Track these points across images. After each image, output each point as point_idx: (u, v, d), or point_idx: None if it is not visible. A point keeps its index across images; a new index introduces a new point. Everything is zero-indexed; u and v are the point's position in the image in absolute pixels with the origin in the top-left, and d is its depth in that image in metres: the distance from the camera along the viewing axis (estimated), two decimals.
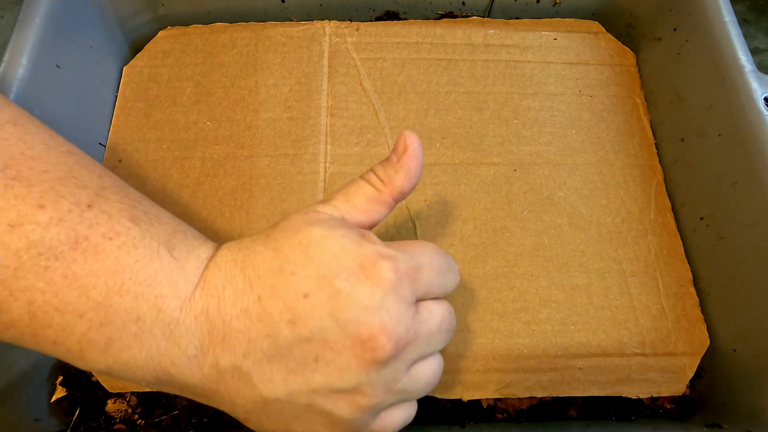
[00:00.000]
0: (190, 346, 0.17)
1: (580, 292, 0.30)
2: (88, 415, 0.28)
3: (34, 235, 0.16)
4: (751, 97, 0.28)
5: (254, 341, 0.17)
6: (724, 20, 0.30)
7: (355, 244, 0.18)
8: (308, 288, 0.17)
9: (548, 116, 0.34)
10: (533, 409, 0.28)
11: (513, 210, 0.32)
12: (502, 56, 0.36)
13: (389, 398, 0.18)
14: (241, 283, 0.18)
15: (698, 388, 0.29)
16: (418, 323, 0.18)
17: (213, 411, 0.28)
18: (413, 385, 0.19)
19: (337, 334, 0.17)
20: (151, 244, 0.18)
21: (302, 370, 0.17)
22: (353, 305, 0.17)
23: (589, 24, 0.38)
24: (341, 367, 0.17)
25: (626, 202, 0.32)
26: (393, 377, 0.18)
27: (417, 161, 0.21)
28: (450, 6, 0.38)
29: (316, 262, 0.17)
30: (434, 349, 0.20)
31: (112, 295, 0.17)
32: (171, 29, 0.36)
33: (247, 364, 0.17)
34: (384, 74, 0.35)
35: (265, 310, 0.17)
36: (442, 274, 0.20)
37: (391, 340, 0.17)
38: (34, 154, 0.17)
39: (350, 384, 0.17)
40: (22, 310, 0.16)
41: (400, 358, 0.18)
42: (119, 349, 0.17)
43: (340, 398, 0.17)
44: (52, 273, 0.16)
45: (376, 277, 0.17)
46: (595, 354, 0.29)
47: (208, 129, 0.33)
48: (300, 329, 0.17)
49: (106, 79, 0.34)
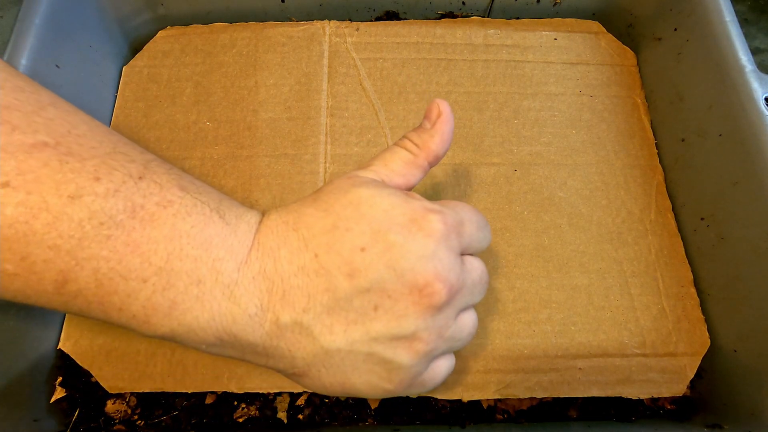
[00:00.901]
0: (250, 305, 0.18)
1: (581, 293, 0.30)
2: (88, 416, 0.28)
3: (95, 206, 0.17)
4: (752, 97, 0.28)
5: (313, 296, 0.18)
6: (724, 20, 0.30)
7: (403, 201, 0.19)
8: (364, 242, 0.18)
9: (548, 116, 0.34)
10: (533, 409, 0.28)
11: (513, 210, 0.32)
12: (503, 56, 0.36)
13: (441, 345, 0.19)
14: (295, 243, 0.19)
15: (699, 389, 0.29)
16: (464, 273, 0.19)
17: (213, 412, 0.28)
18: (459, 333, 0.20)
19: (395, 283, 0.18)
20: (204, 210, 0.19)
21: (362, 320, 0.18)
22: (408, 255, 0.18)
23: (589, 24, 0.37)
24: (400, 314, 0.18)
25: (627, 202, 0.32)
26: (445, 323, 0.19)
27: (450, 126, 0.22)
28: (450, 6, 0.38)
29: (369, 219, 0.18)
30: (476, 299, 0.21)
31: (172, 259, 0.17)
32: (170, 29, 0.36)
33: (308, 319, 0.18)
34: (384, 74, 0.35)
35: (323, 265, 0.18)
36: (481, 229, 0.21)
37: (445, 286, 0.18)
38: (80, 133, 0.18)
39: (409, 330, 0.18)
40: (88, 278, 0.17)
41: (451, 305, 0.19)
42: (182, 312, 0.18)
43: (399, 345, 0.18)
44: (114, 241, 0.17)
45: (428, 228, 0.18)
46: (596, 354, 0.29)
47: (208, 129, 0.33)
48: (359, 281, 0.18)
49: (106, 79, 0.34)
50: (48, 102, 0.18)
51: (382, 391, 0.20)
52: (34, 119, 0.17)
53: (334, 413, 0.28)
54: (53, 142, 0.17)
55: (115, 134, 0.20)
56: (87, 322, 0.28)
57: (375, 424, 0.28)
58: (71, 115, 0.19)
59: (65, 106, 0.19)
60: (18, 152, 0.16)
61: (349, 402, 0.28)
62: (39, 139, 0.17)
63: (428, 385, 0.21)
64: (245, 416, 0.28)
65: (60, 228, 0.16)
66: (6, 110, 0.17)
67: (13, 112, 0.17)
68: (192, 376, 0.27)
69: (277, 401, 0.28)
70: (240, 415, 0.28)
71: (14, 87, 0.18)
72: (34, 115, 0.17)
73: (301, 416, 0.28)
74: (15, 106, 0.17)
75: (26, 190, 0.16)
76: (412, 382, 0.20)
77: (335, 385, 0.20)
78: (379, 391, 0.20)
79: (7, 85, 0.18)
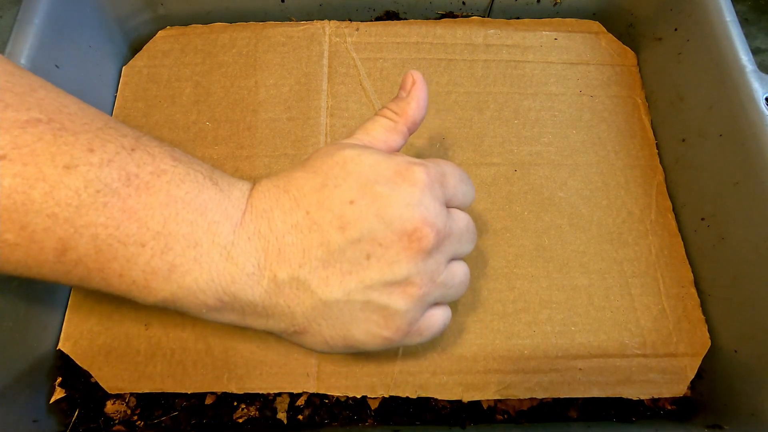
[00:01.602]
0: (247, 264, 0.19)
1: (581, 293, 0.30)
2: (87, 416, 0.27)
3: (90, 175, 0.17)
4: (752, 98, 0.27)
5: (308, 251, 0.19)
6: (725, 20, 0.30)
7: (386, 157, 0.20)
8: (352, 196, 0.19)
9: (549, 116, 0.34)
10: (534, 410, 0.28)
11: (513, 210, 0.32)
12: (503, 56, 0.36)
13: (435, 290, 0.20)
14: (287, 203, 0.19)
15: (699, 389, 0.29)
16: (451, 221, 0.21)
17: (213, 412, 0.28)
18: (451, 279, 0.21)
19: (385, 231, 0.19)
20: (197, 178, 0.19)
21: (356, 269, 0.19)
22: (396, 204, 0.19)
23: (589, 24, 0.37)
24: (392, 260, 0.19)
25: (627, 202, 0.32)
26: (436, 268, 0.20)
27: (424, 92, 0.24)
28: (450, 6, 0.38)
29: (356, 175, 0.19)
30: (464, 248, 0.22)
31: (169, 223, 0.18)
32: (170, 29, 0.36)
33: (304, 273, 0.19)
34: (384, 74, 0.35)
35: (315, 221, 0.19)
36: (464, 182, 0.22)
37: (433, 230, 0.19)
38: (71, 111, 0.19)
39: (401, 274, 0.19)
40: (88, 245, 0.17)
41: (440, 250, 0.20)
42: (181, 275, 0.18)
43: (394, 290, 0.19)
44: (111, 208, 0.17)
45: (412, 179, 0.19)
46: (596, 355, 0.28)
47: (208, 129, 0.33)
48: (350, 232, 0.19)
49: (106, 79, 0.34)
50: (39, 85, 0.19)
51: (381, 340, 0.20)
52: (27, 99, 0.18)
53: (334, 413, 0.28)
54: (46, 118, 0.18)
55: (106, 114, 0.20)
56: (86, 322, 0.28)
57: (375, 425, 0.28)
58: (62, 96, 0.19)
59: (55, 89, 0.20)
60: (13, 128, 0.17)
61: (349, 402, 0.28)
62: (32, 116, 0.17)
63: (425, 334, 0.21)
64: (245, 417, 0.28)
65: (57, 197, 0.17)
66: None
67: (6, 93, 0.17)
68: (192, 377, 0.27)
69: (277, 402, 0.28)
70: (240, 416, 0.28)
71: (4, 71, 0.18)
72: (26, 96, 0.18)
73: (300, 417, 0.28)
74: (7, 88, 0.18)
75: (22, 162, 0.16)
76: (409, 329, 0.20)
77: (336, 338, 0.20)
78: (378, 340, 0.20)
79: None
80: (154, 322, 0.28)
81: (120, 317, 0.29)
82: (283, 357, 0.28)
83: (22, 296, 0.27)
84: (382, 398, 0.28)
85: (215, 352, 0.28)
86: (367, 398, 0.28)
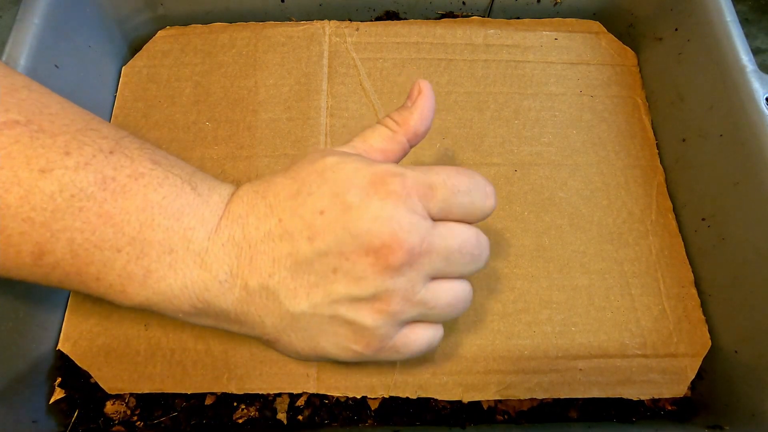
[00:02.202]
0: (220, 272, 0.19)
1: (581, 293, 0.30)
2: (87, 417, 0.27)
3: (65, 179, 0.17)
4: (753, 98, 0.27)
5: (278, 260, 0.18)
6: (725, 20, 0.30)
7: (367, 165, 0.19)
8: (323, 205, 0.18)
9: (549, 116, 0.34)
10: (534, 410, 0.28)
11: (513, 210, 0.32)
12: (503, 56, 0.36)
13: (410, 309, 0.19)
14: (263, 209, 0.19)
15: (699, 390, 0.29)
16: (433, 236, 0.19)
17: (212, 412, 0.28)
18: (434, 300, 0.20)
19: (351, 245, 0.18)
20: (175, 182, 0.19)
21: (323, 283, 0.18)
22: (364, 216, 0.18)
23: (589, 24, 0.37)
24: (358, 276, 0.18)
25: (627, 202, 0.32)
26: (411, 287, 0.19)
27: (429, 104, 0.22)
28: (450, 6, 0.38)
29: (331, 183, 0.19)
30: (456, 269, 0.20)
31: (144, 229, 0.18)
32: (170, 29, 0.36)
33: (273, 283, 0.18)
34: (384, 74, 0.35)
35: (286, 230, 0.18)
36: (461, 194, 0.20)
37: (402, 248, 0.18)
38: (52, 111, 0.19)
39: (368, 291, 0.18)
40: (64, 249, 0.18)
41: (414, 268, 0.19)
42: (156, 280, 0.18)
43: (361, 306, 0.19)
44: (87, 213, 0.17)
45: (384, 191, 0.18)
46: (596, 355, 0.28)
47: (208, 129, 0.33)
48: (318, 244, 0.18)
49: (105, 80, 0.34)
50: (22, 85, 0.19)
51: (352, 353, 0.20)
52: (6, 99, 0.18)
53: (334, 414, 0.28)
54: (24, 119, 0.18)
55: (90, 114, 0.20)
56: (86, 323, 0.28)
57: (375, 425, 0.28)
58: (45, 96, 0.19)
59: (39, 89, 0.20)
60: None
61: (349, 403, 0.28)
62: (10, 118, 0.17)
63: (403, 351, 0.20)
64: (245, 417, 0.28)
65: (32, 201, 0.17)
66: None
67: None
68: (191, 377, 0.27)
69: (277, 402, 0.28)
70: (240, 416, 0.28)
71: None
72: (6, 96, 0.18)
73: (300, 417, 0.28)
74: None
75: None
76: (381, 345, 0.20)
77: (306, 349, 0.20)
78: (350, 353, 0.20)
79: None
80: (153, 323, 0.28)
81: (119, 318, 0.29)
82: (282, 357, 0.28)
83: (22, 297, 0.27)
84: (382, 398, 0.28)
85: (215, 353, 0.28)
86: (367, 398, 0.28)
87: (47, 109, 0.19)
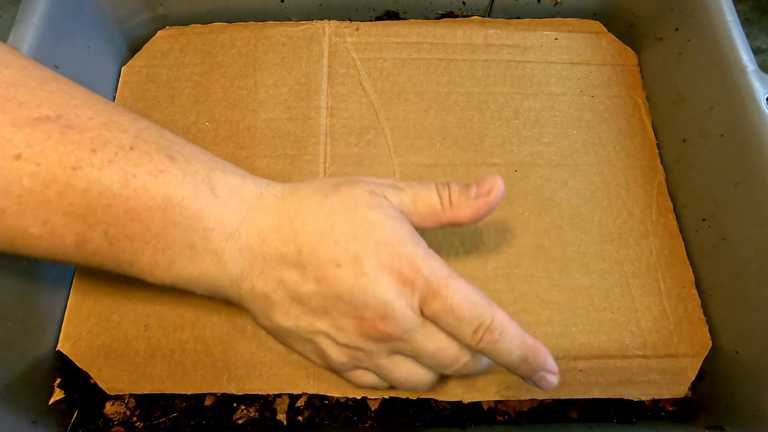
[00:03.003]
0: (233, 272, 0.21)
1: (582, 294, 0.30)
2: (87, 418, 0.27)
3: (92, 177, 0.19)
4: (754, 98, 0.27)
5: (284, 283, 0.21)
6: (726, 20, 0.30)
7: (399, 241, 0.21)
8: (342, 261, 0.20)
9: (549, 117, 0.34)
10: (534, 411, 0.28)
11: (514, 211, 0.32)
12: (503, 56, 0.36)
13: (366, 363, 0.22)
14: (287, 233, 0.21)
15: (700, 390, 0.29)
16: (416, 333, 0.21)
17: (212, 413, 0.28)
18: (388, 370, 0.22)
19: (348, 305, 0.20)
20: (192, 182, 0.20)
21: (312, 315, 0.21)
22: (369, 292, 0.20)
23: (590, 24, 0.37)
24: (342, 327, 0.21)
25: (628, 203, 0.32)
26: (376, 352, 0.21)
27: (489, 208, 0.23)
28: (450, 5, 0.38)
29: (359, 243, 0.20)
30: (423, 363, 0.22)
31: (168, 226, 0.20)
32: (170, 29, 0.36)
33: (275, 297, 0.21)
34: (384, 74, 0.35)
35: (301, 263, 0.20)
36: (458, 319, 0.20)
37: (385, 329, 0.20)
38: (78, 103, 0.20)
39: (343, 340, 0.21)
40: (101, 239, 0.20)
41: (387, 344, 0.21)
42: (179, 269, 0.21)
43: (333, 345, 0.22)
44: (115, 209, 0.19)
45: (398, 276, 0.20)
46: (597, 356, 0.28)
47: (207, 129, 0.33)
48: (323, 288, 0.20)
49: (105, 80, 0.34)
50: (50, 77, 0.21)
51: (313, 363, 0.24)
52: (38, 93, 0.19)
53: (334, 415, 0.28)
54: (54, 115, 0.19)
55: (110, 103, 0.22)
56: (86, 323, 0.28)
57: (375, 426, 0.28)
58: (70, 87, 0.21)
59: (65, 80, 0.21)
60: (25, 126, 0.18)
61: (349, 403, 0.28)
62: (42, 113, 0.19)
63: (351, 380, 0.24)
64: (244, 418, 0.28)
65: (69, 197, 0.19)
66: (13, 87, 0.19)
67: (20, 89, 0.19)
68: (191, 378, 0.27)
69: (277, 403, 0.28)
70: (239, 417, 0.28)
71: (19, 66, 0.20)
72: (37, 90, 0.19)
73: (300, 418, 0.28)
74: (20, 83, 0.19)
75: (36, 162, 0.18)
76: (337, 370, 0.23)
77: (282, 344, 0.25)
78: (311, 362, 0.24)
79: (13, 64, 0.20)
80: (153, 323, 0.28)
81: (119, 318, 0.28)
82: (282, 358, 0.28)
83: (22, 297, 0.27)
84: (382, 399, 0.28)
85: (215, 353, 0.28)
86: (367, 399, 0.28)
87: (73, 100, 0.20)
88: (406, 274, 0.20)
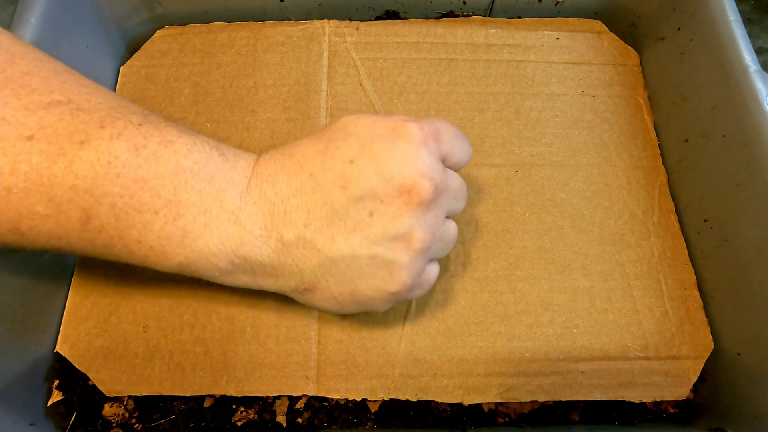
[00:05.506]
0: (255, 227, 0.20)
1: (583, 295, 0.30)
2: (85, 420, 0.27)
3: (101, 148, 0.19)
4: (756, 98, 0.27)
5: (312, 211, 0.20)
6: (728, 20, 0.29)
7: (383, 117, 0.21)
8: (353, 155, 0.20)
9: (550, 117, 0.34)
10: (535, 413, 0.28)
11: (514, 212, 0.31)
12: (504, 56, 0.36)
13: (434, 244, 0.21)
14: (292, 167, 0.21)
15: (702, 392, 0.29)
16: (446, 176, 0.21)
17: (211, 415, 0.27)
18: (447, 235, 0.22)
19: (385, 187, 0.20)
20: (204, 148, 0.21)
21: (360, 226, 0.20)
22: (394, 160, 0.20)
23: (591, 23, 0.37)
24: (394, 215, 0.20)
25: (629, 203, 0.32)
26: (435, 222, 0.21)
27: None
28: (451, 5, 0.37)
29: (355, 135, 0.20)
30: (458, 205, 0.23)
31: (179, 192, 0.19)
32: (168, 29, 0.36)
33: (310, 233, 0.20)
34: (384, 74, 0.35)
35: (318, 182, 0.20)
36: (458, 137, 0.23)
37: (431, 183, 0.20)
38: (89, 91, 0.20)
39: (404, 229, 0.20)
40: (108, 213, 0.19)
41: (438, 204, 0.21)
42: (193, 239, 0.20)
43: (397, 245, 0.20)
44: (124, 179, 0.19)
45: (407, 135, 0.20)
46: (598, 358, 0.28)
47: (206, 130, 0.33)
48: (352, 191, 0.20)
49: (103, 79, 0.34)
50: (62, 70, 0.21)
51: (387, 295, 0.21)
52: (51, 82, 0.20)
53: (334, 417, 0.28)
54: (66, 99, 0.19)
55: (120, 97, 0.22)
56: (84, 325, 0.28)
57: (375, 428, 0.28)
58: (82, 79, 0.21)
59: (77, 74, 0.22)
60: (38, 109, 0.19)
61: (349, 405, 0.28)
62: (54, 98, 0.19)
63: (424, 286, 0.23)
64: (244, 420, 0.27)
65: (75, 170, 0.18)
66: (27, 76, 0.19)
67: (33, 78, 0.19)
68: (190, 380, 0.27)
69: (276, 404, 0.28)
70: (239, 419, 0.27)
71: (34, 58, 0.21)
72: (50, 79, 0.20)
73: (300, 420, 0.28)
74: (34, 73, 0.20)
75: (47, 141, 0.18)
76: (413, 283, 0.21)
77: (344, 294, 0.21)
78: (385, 295, 0.21)
79: (29, 57, 0.20)
80: (152, 325, 0.28)
81: (118, 320, 0.28)
82: (282, 359, 0.28)
83: (20, 298, 0.26)
84: (382, 401, 0.28)
85: (214, 355, 0.28)
86: (367, 401, 0.28)
87: (84, 89, 0.20)
88: (411, 131, 0.20)
